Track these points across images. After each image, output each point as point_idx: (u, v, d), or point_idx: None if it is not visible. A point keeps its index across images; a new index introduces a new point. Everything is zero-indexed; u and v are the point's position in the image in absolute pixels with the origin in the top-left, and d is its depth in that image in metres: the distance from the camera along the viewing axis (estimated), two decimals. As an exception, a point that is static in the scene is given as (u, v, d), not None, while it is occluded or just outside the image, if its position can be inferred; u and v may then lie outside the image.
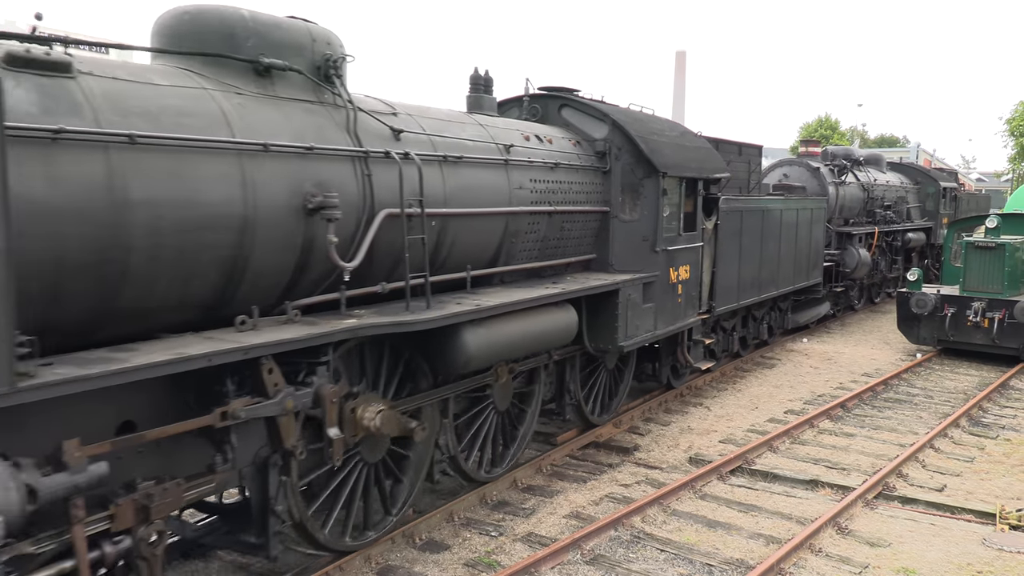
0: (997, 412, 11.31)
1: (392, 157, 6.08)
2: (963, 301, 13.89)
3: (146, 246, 4.49)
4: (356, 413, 5.70)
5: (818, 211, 14.52)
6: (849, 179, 17.52)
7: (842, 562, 6.60)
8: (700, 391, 11.79)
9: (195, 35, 5.40)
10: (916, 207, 21.42)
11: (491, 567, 6.36)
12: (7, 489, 3.52)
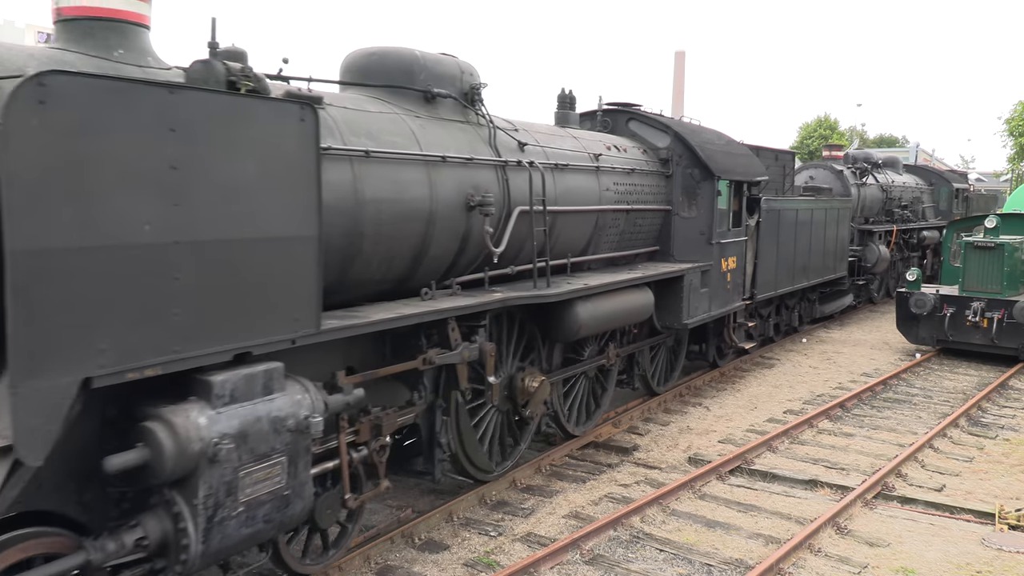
0: (996, 412, 11.37)
1: (523, 165, 7.63)
2: (962, 301, 14.02)
3: (372, 233, 6.03)
4: (524, 382, 7.35)
5: (843, 211, 16.03)
6: (869, 181, 19.02)
7: (841, 562, 6.64)
8: (699, 391, 11.93)
9: (382, 71, 6.96)
10: (930, 207, 22.88)
11: (490, 567, 6.41)
12: (317, 401, 5.06)
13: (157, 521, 4.42)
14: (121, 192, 3.95)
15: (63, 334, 3.76)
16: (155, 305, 4.15)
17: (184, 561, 4.42)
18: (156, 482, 4.34)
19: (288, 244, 4.86)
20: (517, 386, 7.58)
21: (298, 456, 4.94)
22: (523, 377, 7.59)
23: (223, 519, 4.52)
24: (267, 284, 4.76)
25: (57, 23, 4.90)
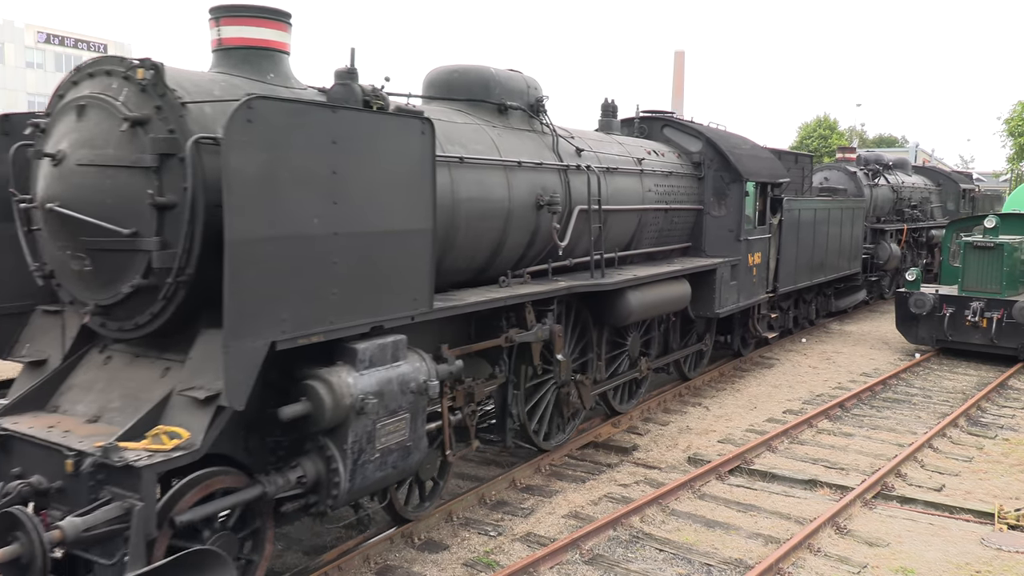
0: (995, 412, 11.40)
1: (581, 169, 8.59)
2: (961, 301, 14.07)
3: (464, 227, 6.98)
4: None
5: (857, 210, 16.97)
6: (881, 182, 19.94)
7: (841, 562, 6.67)
8: (699, 391, 12.01)
9: (463, 86, 7.93)
10: (938, 206, 23.79)
11: (490, 567, 6.44)
12: (431, 368, 6.01)
13: (313, 463, 5.37)
14: (299, 192, 4.92)
15: (259, 306, 4.73)
16: (319, 284, 5.12)
17: (335, 496, 5.38)
18: (315, 430, 5.29)
19: (410, 236, 5.83)
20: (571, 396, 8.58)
21: (418, 414, 5.90)
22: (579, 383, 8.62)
23: (364, 463, 5.48)
24: (394, 269, 5.72)
25: (217, 51, 5.86)
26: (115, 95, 4.98)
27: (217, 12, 5.80)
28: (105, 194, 4.88)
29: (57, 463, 4.74)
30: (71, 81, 5.29)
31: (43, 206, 4.89)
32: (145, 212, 4.86)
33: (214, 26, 5.84)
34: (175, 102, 4.88)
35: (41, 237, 5.37)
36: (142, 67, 4.82)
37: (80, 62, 5.45)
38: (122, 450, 4.50)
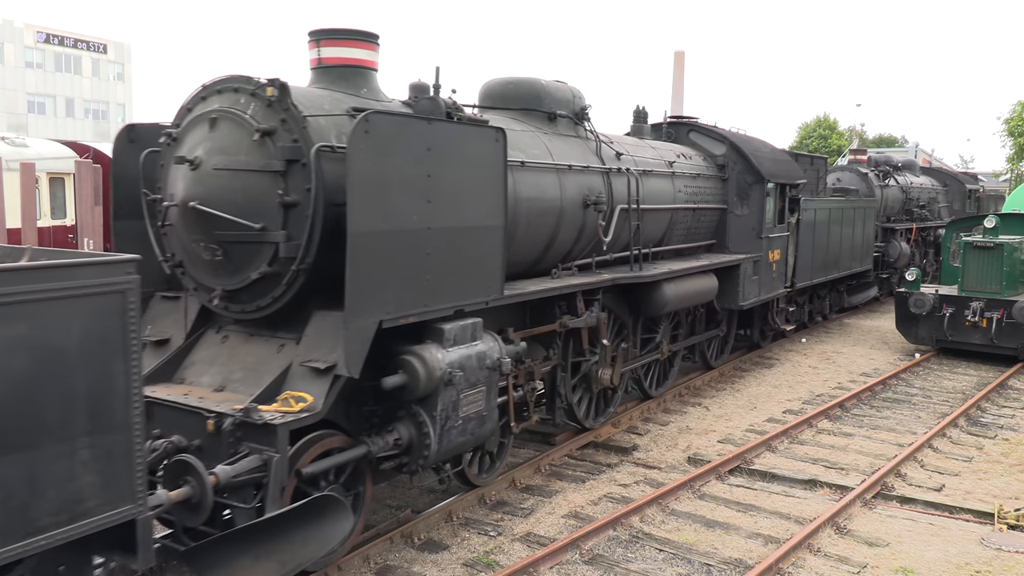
0: (995, 412, 11.37)
1: (622, 172, 9.39)
2: (961, 301, 14.02)
3: (524, 223, 7.79)
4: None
5: (869, 210, 17.74)
6: (891, 182, 20.70)
7: (840, 562, 6.65)
8: (699, 391, 11.98)
9: (517, 96, 8.74)
10: (945, 206, 24.54)
11: (490, 567, 6.42)
12: (503, 348, 6.82)
13: (407, 428, 6.19)
14: (402, 192, 5.74)
15: (371, 290, 5.55)
16: (415, 272, 5.94)
17: (425, 456, 6.20)
18: (409, 399, 6.11)
19: (486, 231, 6.64)
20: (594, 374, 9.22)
21: (492, 388, 6.72)
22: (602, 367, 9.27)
23: (450, 428, 6.30)
24: (473, 259, 6.54)
25: (316, 69, 6.68)
26: (243, 109, 5.80)
27: (317, 35, 6.63)
28: (237, 194, 5.71)
29: (196, 424, 5.55)
30: (199, 96, 6.12)
31: (185, 204, 5.71)
32: (273, 209, 5.69)
33: (313, 47, 6.67)
34: (298, 115, 5.70)
35: (171, 231, 6.19)
36: (271, 86, 5.64)
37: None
38: (260, 411, 5.32)
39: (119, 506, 3.96)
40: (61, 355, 3.65)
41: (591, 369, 8.85)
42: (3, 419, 3.44)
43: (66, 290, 3.64)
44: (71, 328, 3.67)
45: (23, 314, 3.49)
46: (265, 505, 5.27)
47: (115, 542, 4.13)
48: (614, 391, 9.75)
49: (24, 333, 3.50)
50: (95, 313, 3.76)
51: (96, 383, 3.79)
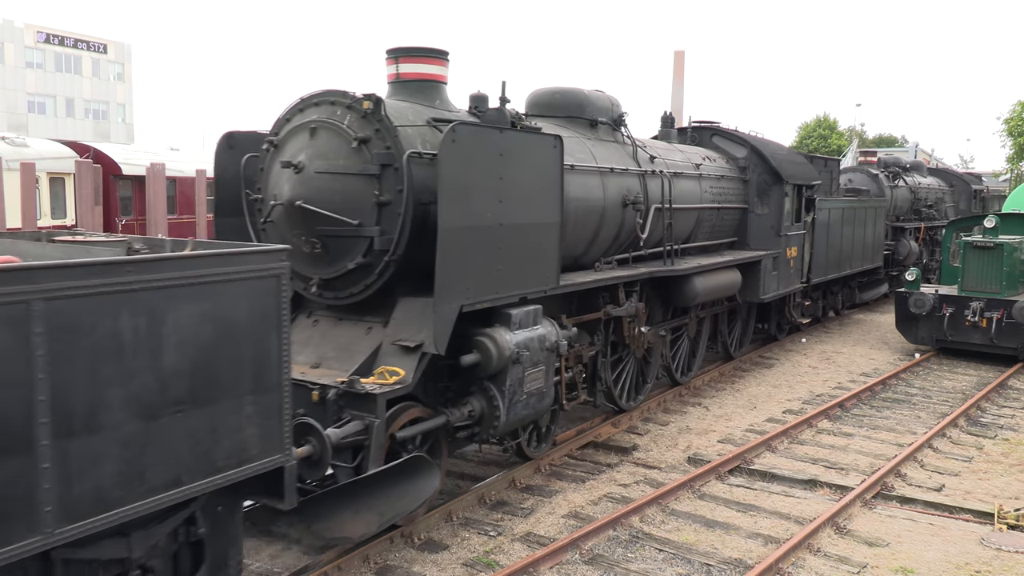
0: (995, 412, 11.39)
1: (655, 173, 10.19)
2: (961, 301, 14.02)
3: (572, 222, 8.58)
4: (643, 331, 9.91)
5: (879, 210, 18.51)
6: (900, 183, 21.45)
7: (840, 562, 6.66)
8: (699, 391, 12.00)
9: (562, 105, 9.54)
10: (951, 206, 25.28)
11: (490, 567, 6.44)
12: (559, 332, 7.62)
13: (479, 401, 7.00)
14: (480, 193, 6.55)
15: (456, 278, 6.36)
16: (489, 263, 6.75)
17: (495, 427, 7.01)
18: (482, 375, 6.91)
19: (546, 228, 7.45)
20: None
21: (550, 367, 7.53)
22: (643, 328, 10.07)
23: (516, 402, 7.11)
24: (534, 253, 7.35)
25: (394, 83, 7.50)
26: (340, 120, 6.62)
27: (395, 52, 7.45)
28: (337, 194, 6.53)
29: (300, 395, 6.34)
30: (297, 108, 6.94)
31: (291, 204, 6.52)
32: (368, 208, 6.51)
33: (392, 63, 7.48)
34: (390, 126, 6.52)
35: (271, 227, 7.01)
36: (368, 100, 6.45)
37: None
38: (361, 383, 6.13)
39: (272, 455, 4.77)
40: (233, 327, 4.46)
41: (633, 330, 9.57)
42: (195, 378, 4.25)
43: (238, 273, 4.45)
44: (241, 305, 4.48)
45: (209, 293, 4.30)
46: (364, 465, 6.08)
47: (260, 487, 4.94)
48: (645, 377, 10.56)
49: (209, 308, 4.31)
50: (257, 293, 4.57)
51: (258, 351, 4.60)
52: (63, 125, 65.29)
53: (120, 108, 73.66)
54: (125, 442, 3.94)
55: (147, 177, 18.71)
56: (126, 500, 3.99)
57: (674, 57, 48.94)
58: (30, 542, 3.61)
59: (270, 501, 5.04)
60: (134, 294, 3.92)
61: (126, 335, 3.90)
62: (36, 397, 3.57)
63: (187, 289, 4.16)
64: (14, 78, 64.90)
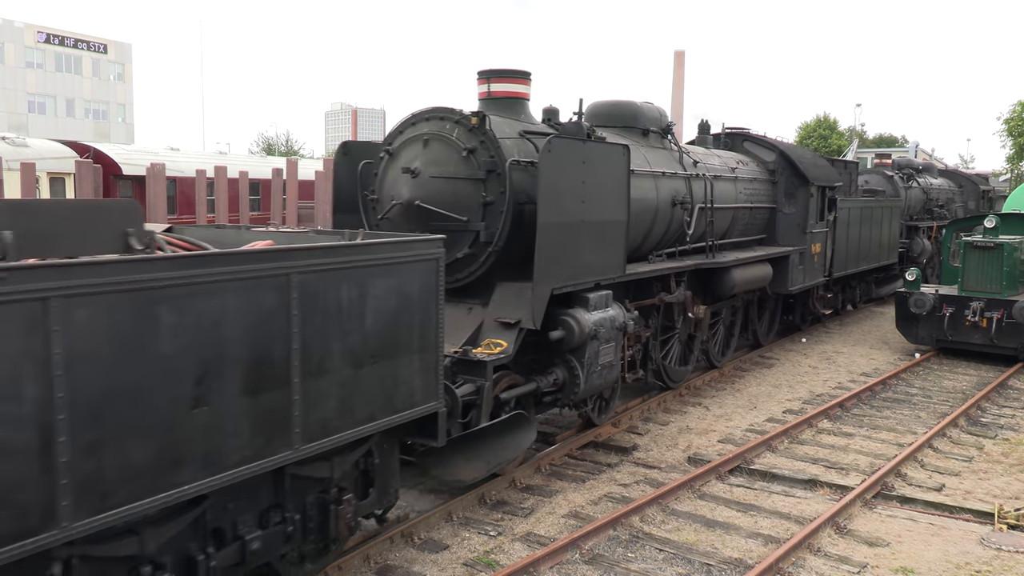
0: (996, 412, 11.41)
1: (699, 177, 11.45)
2: (961, 301, 14.06)
3: (632, 218, 9.83)
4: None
5: (895, 209, 19.76)
6: (913, 184, 22.72)
7: (841, 562, 6.67)
8: (699, 391, 12.08)
9: (618, 115, 10.81)
10: (960, 206, 26.53)
11: (490, 566, 6.45)
12: (626, 314, 8.89)
13: (562, 371, 8.26)
14: (567, 194, 7.82)
15: (549, 265, 7.62)
16: (573, 254, 8.02)
17: (575, 393, 8.27)
18: (565, 349, 8.17)
19: (616, 224, 8.72)
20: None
21: (618, 344, 8.79)
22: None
23: (592, 372, 8.37)
24: (606, 245, 8.61)
25: (484, 99, 8.75)
26: (450, 133, 7.90)
27: (487, 73, 8.72)
28: (449, 195, 7.80)
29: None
30: (409, 122, 8.22)
31: (410, 203, 7.79)
32: (476, 207, 7.79)
33: (483, 83, 8.75)
34: (493, 138, 7.79)
35: (385, 223, 8.26)
36: (476, 117, 7.72)
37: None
38: (473, 352, 7.39)
39: (430, 401, 6.03)
40: (408, 298, 5.71)
41: (686, 312, 10.82)
42: (383, 337, 5.51)
43: (412, 256, 5.71)
44: (413, 280, 5.74)
45: (394, 272, 5.55)
46: (474, 420, 7.33)
47: (416, 429, 6.20)
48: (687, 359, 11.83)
49: (395, 283, 5.57)
50: (424, 272, 5.83)
51: (423, 317, 5.86)
52: (63, 125, 65.92)
53: (120, 108, 74.33)
54: (342, 384, 5.20)
55: (147, 177, 18.72)
56: (341, 428, 5.25)
57: (674, 57, 49.72)
58: (285, 454, 4.88)
59: (424, 440, 6.31)
60: (351, 271, 5.19)
61: (344, 302, 5.17)
62: (292, 346, 4.83)
63: (382, 268, 5.43)
64: (14, 78, 65.63)
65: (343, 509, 5.65)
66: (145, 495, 4.05)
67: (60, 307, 3.60)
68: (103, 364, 3.80)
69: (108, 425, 3.84)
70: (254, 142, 74.45)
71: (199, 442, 4.30)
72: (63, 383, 3.63)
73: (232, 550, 4.96)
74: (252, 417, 4.60)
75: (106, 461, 3.85)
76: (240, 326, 4.48)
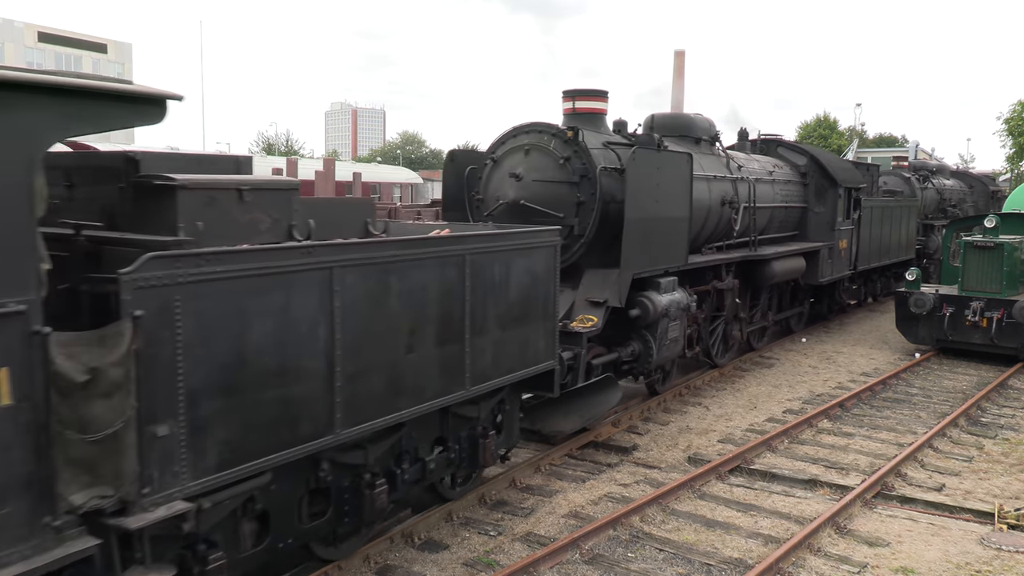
0: (996, 412, 11.42)
1: (743, 179, 12.93)
2: (961, 301, 14.05)
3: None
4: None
5: (912, 209, 21.14)
6: (928, 185, 24.06)
7: (841, 562, 6.67)
8: (699, 390, 12.11)
9: (675, 127, 12.32)
10: (971, 205, 27.83)
11: (490, 566, 6.47)
12: (687, 298, 10.38)
13: (638, 344, 9.77)
14: (646, 195, 9.32)
15: (632, 254, 9.13)
16: (649, 245, 9.52)
17: (649, 362, 9.79)
18: (641, 325, 9.67)
19: (681, 220, 10.22)
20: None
21: (683, 322, 10.29)
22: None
23: (662, 345, 9.87)
24: (673, 239, 10.11)
25: (569, 114, 10.27)
26: (547, 144, 9.43)
27: (572, 92, 10.27)
28: (547, 196, 9.33)
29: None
30: (511, 135, 9.76)
31: (516, 203, 9.31)
32: (570, 206, 9.32)
33: (568, 100, 10.29)
34: (585, 148, 9.32)
35: (490, 219, 9.78)
36: (572, 131, 9.25)
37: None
38: (571, 326, 8.90)
39: (548, 360, 7.55)
40: (536, 276, 7.23)
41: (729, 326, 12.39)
42: (520, 306, 7.02)
43: (539, 243, 7.23)
44: (539, 262, 7.26)
45: (527, 254, 7.07)
46: (572, 382, 8.84)
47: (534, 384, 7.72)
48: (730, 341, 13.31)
49: (528, 264, 7.09)
50: (547, 255, 7.35)
51: (545, 292, 7.38)
52: (64, 125, 67.70)
53: (121, 108, 76.05)
54: (494, 342, 6.73)
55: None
56: (492, 376, 6.78)
57: (674, 57, 50.67)
58: (459, 393, 6.40)
59: (541, 392, 7.84)
60: (501, 253, 6.72)
61: (496, 277, 6.70)
62: (465, 310, 6.36)
63: (521, 251, 6.96)
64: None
65: (488, 443, 7.18)
66: (377, 416, 5.59)
67: (339, 274, 5.13)
68: (360, 316, 5.34)
69: (361, 361, 5.38)
70: (254, 142, 76.19)
71: (409, 380, 5.83)
72: (340, 327, 5.16)
73: (416, 468, 6.50)
74: (440, 364, 6.13)
75: (359, 388, 5.38)
76: (434, 292, 6.02)
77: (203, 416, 4.33)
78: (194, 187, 4.53)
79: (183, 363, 4.19)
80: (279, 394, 4.78)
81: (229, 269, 4.40)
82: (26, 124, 3.51)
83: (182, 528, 4.25)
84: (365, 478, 5.94)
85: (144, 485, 4.03)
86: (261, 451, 4.71)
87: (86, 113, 3.74)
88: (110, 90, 3.81)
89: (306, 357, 4.96)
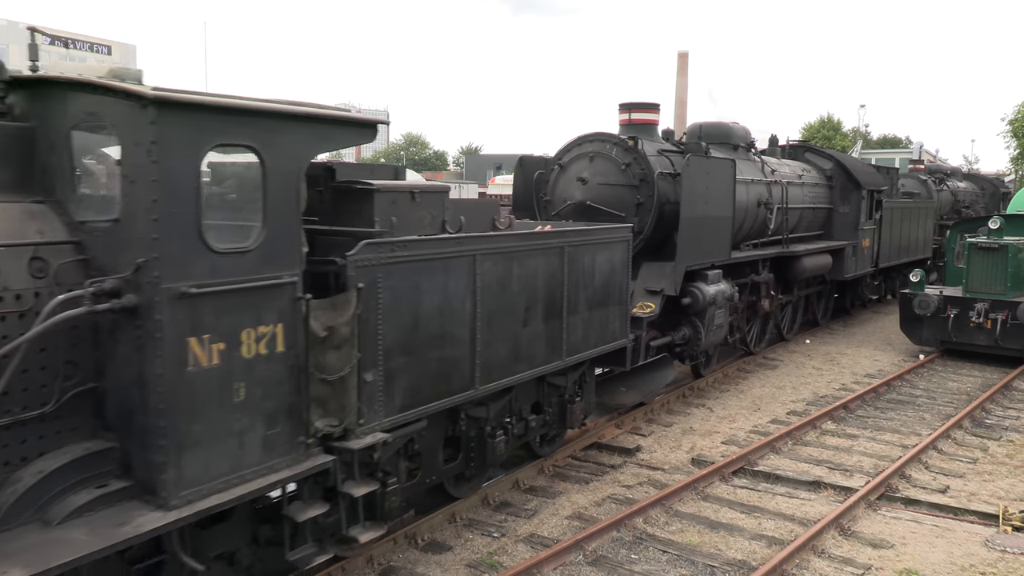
0: (1000, 413, 11.42)
1: (776, 183, 14.18)
2: (966, 302, 14.07)
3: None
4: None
5: (929, 210, 22.33)
6: (943, 187, 25.25)
7: (845, 563, 6.66)
8: (702, 392, 12.11)
9: (715, 134, 13.57)
10: (983, 206, 28.98)
11: (493, 568, 6.48)
12: (731, 289, 11.63)
13: (688, 329, 11.02)
14: (697, 197, 10.57)
15: (686, 249, 10.39)
16: (700, 241, 10.77)
17: (698, 346, 11.04)
18: (691, 312, 10.91)
19: (725, 219, 11.48)
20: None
21: (726, 310, 11.54)
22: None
23: (710, 331, 11.12)
24: (719, 236, 11.36)
25: (626, 125, 11.54)
26: (609, 152, 10.71)
27: (628, 105, 11.54)
28: (611, 198, 10.60)
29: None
30: (576, 143, 11.03)
31: (583, 203, 10.58)
32: (631, 206, 10.59)
33: (624, 112, 11.56)
34: (643, 155, 10.59)
35: (556, 219, 11.04)
36: (632, 139, 10.52)
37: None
38: (632, 311, 10.15)
39: (622, 339, 8.81)
40: (613, 266, 8.48)
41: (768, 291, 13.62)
42: (601, 291, 8.28)
43: (615, 238, 8.49)
44: (616, 254, 8.52)
45: (607, 247, 8.33)
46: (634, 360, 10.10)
47: (608, 360, 8.97)
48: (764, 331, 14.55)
49: (607, 256, 8.35)
50: (619, 249, 8.60)
51: (620, 279, 8.63)
52: (69, 131, 69.47)
53: (126, 111, 77.63)
54: (584, 321, 8.00)
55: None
56: (581, 350, 8.05)
57: (678, 58, 50.85)
58: (557, 363, 7.66)
59: (615, 366, 9.11)
60: (589, 246, 7.99)
61: (586, 266, 7.96)
62: (564, 292, 7.62)
63: (603, 245, 8.23)
64: (18, 82, 69.51)
65: (575, 407, 8.45)
66: (502, 377, 6.86)
67: (480, 260, 6.41)
68: (492, 295, 6.61)
69: (493, 331, 6.65)
70: (256, 142, 76.65)
71: (524, 349, 7.11)
72: (480, 303, 6.43)
73: (521, 425, 7.78)
74: (545, 336, 7.40)
75: (491, 353, 6.66)
76: (541, 277, 7.29)
77: (392, 368, 5.61)
78: (385, 190, 5.81)
79: (382, 325, 5.48)
80: (439, 354, 6.06)
81: (412, 254, 5.69)
82: (297, 144, 4.79)
83: (374, 456, 5.52)
84: (487, 429, 7.21)
85: (359, 417, 5.31)
86: (427, 399, 6.00)
87: (329, 135, 5.01)
88: (344, 118, 5.09)
89: (457, 326, 6.24)
